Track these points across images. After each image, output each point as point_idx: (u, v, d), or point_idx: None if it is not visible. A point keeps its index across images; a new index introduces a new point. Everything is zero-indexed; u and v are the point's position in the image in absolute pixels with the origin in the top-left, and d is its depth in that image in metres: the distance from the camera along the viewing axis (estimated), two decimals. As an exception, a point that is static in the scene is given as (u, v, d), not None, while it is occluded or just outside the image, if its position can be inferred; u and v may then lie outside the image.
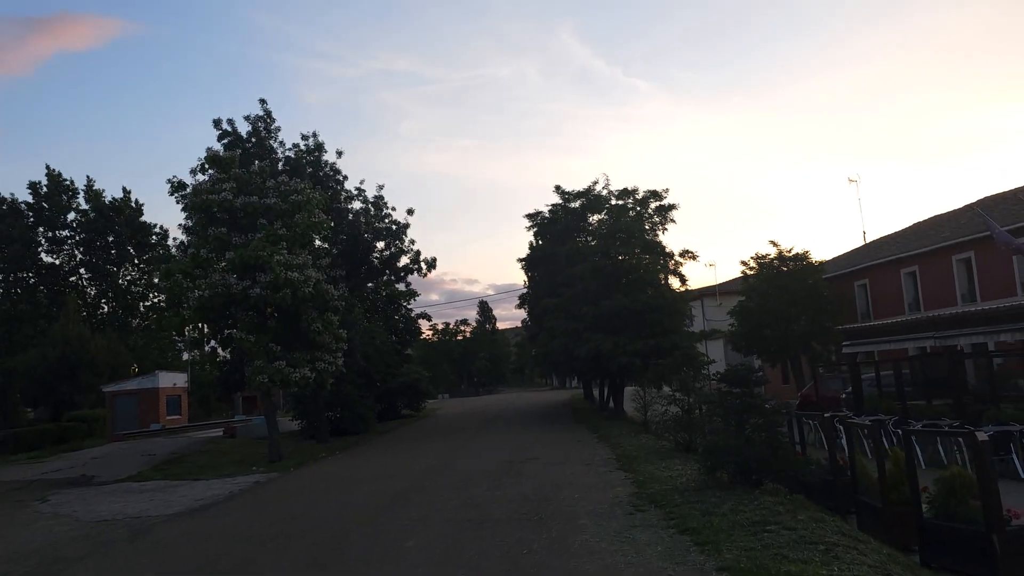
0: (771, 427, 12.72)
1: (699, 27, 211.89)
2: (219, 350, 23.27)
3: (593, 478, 14.69)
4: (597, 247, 30.04)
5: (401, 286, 32.39)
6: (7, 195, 56.13)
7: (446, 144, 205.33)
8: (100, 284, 59.66)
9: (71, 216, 58.40)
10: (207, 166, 23.41)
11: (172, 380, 39.71)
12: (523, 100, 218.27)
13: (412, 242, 32.09)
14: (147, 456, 26.28)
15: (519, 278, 60.43)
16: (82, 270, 58.92)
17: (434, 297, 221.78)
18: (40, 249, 57.53)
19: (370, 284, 34.97)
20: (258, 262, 21.24)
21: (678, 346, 27.47)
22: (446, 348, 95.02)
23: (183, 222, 24.18)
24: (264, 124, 27.33)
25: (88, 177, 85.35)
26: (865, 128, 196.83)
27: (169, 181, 23.26)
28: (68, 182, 58.36)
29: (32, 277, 57.47)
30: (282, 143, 28.04)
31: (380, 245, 29.38)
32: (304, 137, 28.45)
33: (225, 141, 26.70)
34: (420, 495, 13.85)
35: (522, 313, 47.23)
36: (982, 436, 9.49)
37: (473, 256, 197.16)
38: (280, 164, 25.89)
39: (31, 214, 57.24)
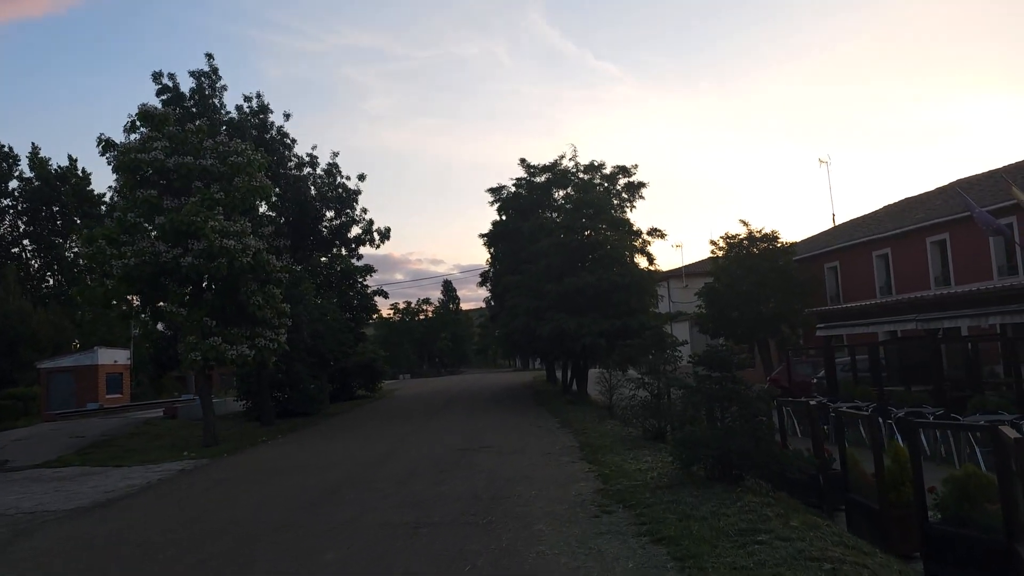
0: (753, 416, 11.18)
1: (667, 11, 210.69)
2: (150, 325, 21.09)
3: (553, 470, 13.06)
4: (563, 222, 28.34)
5: (354, 260, 30.00)
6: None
7: (411, 123, 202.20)
8: (45, 256, 56.57)
9: (13, 184, 55.20)
10: (139, 123, 21.18)
11: (113, 357, 37.18)
12: (490, 80, 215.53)
13: (364, 211, 29.73)
14: (75, 438, 24.14)
15: (484, 258, 58.54)
16: (25, 241, 55.80)
17: (399, 276, 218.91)
18: (-21, 218, 54.39)
19: (324, 258, 32.86)
20: (191, 228, 19.17)
21: (646, 326, 25.96)
22: (407, 328, 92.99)
23: (112, 184, 21.87)
24: (209, 81, 24.83)
25: (33, 144, 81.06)
26: (833, 114, 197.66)
27: (99, 139, 20.98)
28: (7, 149, 55.16)
29: (-30, 248, 54.31)
30: (223, 104, 25.67)
31: (330, 214, 27.10)
32: (247, 98, 25.97)
33: (164, 97, 24.22)
34: (356, 490, 12.09)
35: (485, 293, 45.59)
36: (1012, 433, 7.99)
37: (438, 237, 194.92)
38: (223, 128, 23.62)
39: (-31, 183, 54.01)
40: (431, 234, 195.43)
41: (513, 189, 34.69)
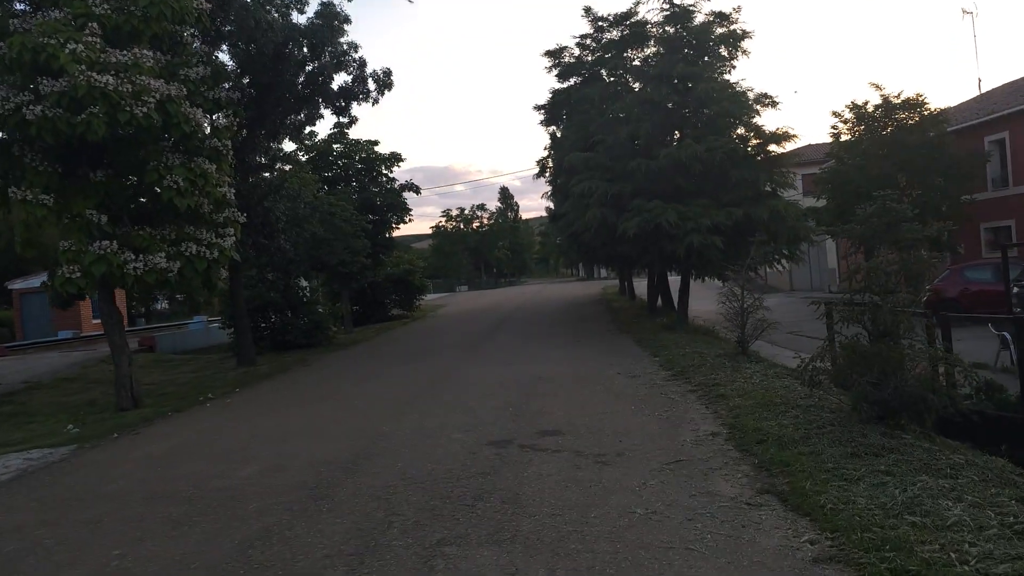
0: None
1: None
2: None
3: (719, 532, 4.78)
4: (653, 70, 19.22)
5: (344, 121, 20.43)
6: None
7: (469, 23, 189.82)
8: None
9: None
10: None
11: (99, 274, 29.93)
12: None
13: (354, 47, 19.14)
14: (-15, 387, 17.01)
15: (543, 145, 49.02)
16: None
17: (459, 188, 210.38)
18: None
19: (315, 128, 24.35)
20: (41, 59, 10.98)
21: (780, 216, 17.18)
22: (461, 236, 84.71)
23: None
24: None
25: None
26: None
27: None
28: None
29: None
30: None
31: (303, 55, 17.89)
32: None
33: None
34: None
35: (546, 193, 36.93)
36: None
37: (500, 150, 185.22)
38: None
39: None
40: (492, 147, 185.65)
41: (577, 52, 25.44)
